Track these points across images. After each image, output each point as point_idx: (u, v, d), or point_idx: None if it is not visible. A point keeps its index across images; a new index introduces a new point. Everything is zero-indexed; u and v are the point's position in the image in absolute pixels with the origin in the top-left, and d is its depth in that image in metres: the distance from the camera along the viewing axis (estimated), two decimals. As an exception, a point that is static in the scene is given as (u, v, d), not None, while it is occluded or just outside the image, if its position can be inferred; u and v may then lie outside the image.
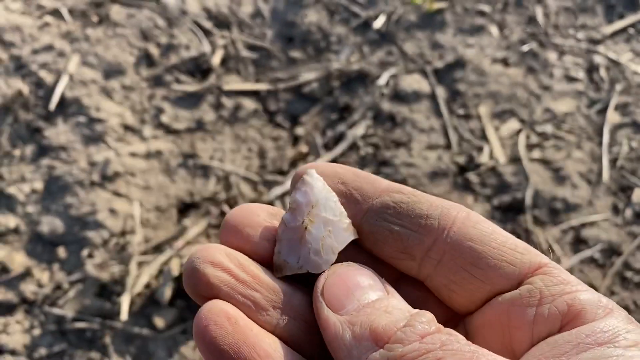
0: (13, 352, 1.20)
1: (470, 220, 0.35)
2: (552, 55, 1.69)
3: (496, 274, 0.34)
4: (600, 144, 1.51)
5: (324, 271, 0.35)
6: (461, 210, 0.36)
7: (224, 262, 0.34)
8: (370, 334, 0.30)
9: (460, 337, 0.29)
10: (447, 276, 0.35)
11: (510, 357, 0.30)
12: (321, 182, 0.37)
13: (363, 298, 0.32)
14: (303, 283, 0.37)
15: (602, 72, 1.66)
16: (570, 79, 1.64)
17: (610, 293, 1.28)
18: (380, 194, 0.36)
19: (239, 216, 0.37)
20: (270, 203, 1.38)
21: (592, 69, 1.67)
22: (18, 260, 1.30)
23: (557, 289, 0.32)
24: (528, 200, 1.39)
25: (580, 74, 1.65)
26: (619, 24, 1.77)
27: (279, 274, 0.36)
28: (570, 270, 1.28)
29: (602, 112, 1.57)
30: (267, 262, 0.37)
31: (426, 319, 0.30)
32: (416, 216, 0.35)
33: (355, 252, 0.37)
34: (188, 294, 0.35)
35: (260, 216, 0.37)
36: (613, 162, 1.48)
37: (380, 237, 0.36)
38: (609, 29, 1.76)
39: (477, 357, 0.27)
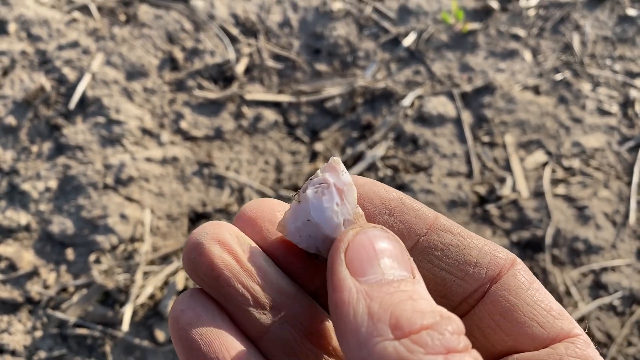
0: (13, 353, 1.19)
1: (513, 269, 0.33)
2: (585, 86, 1.63)
3: (522, 331, 0.32)
4: (629, 183, 1.45)
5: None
6: (508, 259, 0.34)
7: (232, 244, 0.32)
8: (391, 319, 0.25)
9: None
10: (474, 321, 0.33)
11: None
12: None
13: (388, 273, 0.28)
14: (306, 288, 0.35)
15: (637, 108, 1.59)
16: (603, 113, 1.58)
17: (628, 343, 1.23)
18: (427, 231, 0.34)
19: (256, 208, 0.35)
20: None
21: (627, 103, 1.60)
22: (27, 258, 1.30)
23: None
24: (548, 238, 1.34)
25: (614, 108, 1.59)
26: (659, 58, 1.69)
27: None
28: (587, 317, 1.23)
29: (634, 149, 1.51)
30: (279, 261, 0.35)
31: (455, 327, 0.26)
32: (464, 263, 0.33)
33: None
34: (184, 270, 0.33)
35: (279, 212, 0.35)
36: (641, 204, 1.42)
37: (423, 278, 0.33)
38: (648, 63, 1.69)
39: None
